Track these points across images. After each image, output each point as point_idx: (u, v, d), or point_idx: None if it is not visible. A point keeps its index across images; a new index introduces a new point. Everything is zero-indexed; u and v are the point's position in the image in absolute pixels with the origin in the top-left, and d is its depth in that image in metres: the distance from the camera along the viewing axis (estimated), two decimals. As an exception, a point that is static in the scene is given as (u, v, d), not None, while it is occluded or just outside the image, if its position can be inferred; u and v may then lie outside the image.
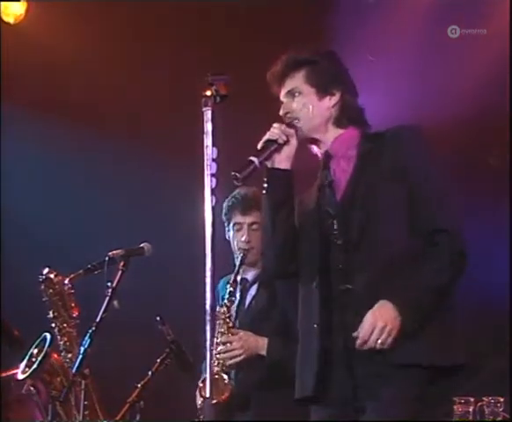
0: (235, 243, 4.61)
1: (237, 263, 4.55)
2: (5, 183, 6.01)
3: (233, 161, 3.24)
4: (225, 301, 4.51)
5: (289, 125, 3.43)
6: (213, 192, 2.93)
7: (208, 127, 2.95)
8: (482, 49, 5.90)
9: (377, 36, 5.90)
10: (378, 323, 3.10)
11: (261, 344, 4.49)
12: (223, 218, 4.62)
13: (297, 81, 3.47)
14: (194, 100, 3.00)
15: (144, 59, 6.05)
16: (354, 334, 3.14)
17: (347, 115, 3.47)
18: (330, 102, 3.46)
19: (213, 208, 2.92)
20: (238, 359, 4.45)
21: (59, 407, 4.47)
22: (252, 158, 3.31)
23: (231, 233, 4.63)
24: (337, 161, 3.44)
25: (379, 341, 3.10)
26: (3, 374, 4.57)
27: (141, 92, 6.02)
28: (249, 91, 4.96)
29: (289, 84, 3.47)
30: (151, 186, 6.08)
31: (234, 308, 4.61)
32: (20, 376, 4.54)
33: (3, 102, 5.96)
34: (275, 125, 3.42)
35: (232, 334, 4.47)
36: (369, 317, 3.13)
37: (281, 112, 3.47)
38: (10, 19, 6.22)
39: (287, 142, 3.40)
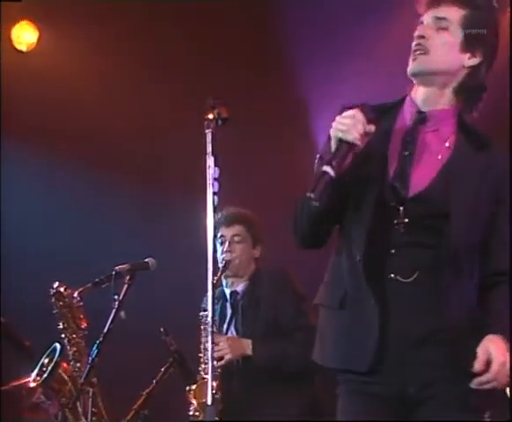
0: (219, 255, 4.58)
1: (220, 270, 4.51)
2: (7, 202, 6.04)
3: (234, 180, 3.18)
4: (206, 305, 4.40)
5: (370, 118, 2.65)
6: (215, 209, 2.91)
7: (210, 148, 2.92)
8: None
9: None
10: (507, 363, 2.64)
11: (246, 345, 4.46)
12: None
13: (452, 15, 2.78)
14: (197, 123, 2.99)
15: (149, 86, 6.05)
16: (475, 369, 2.63)
17: (470, 90, 2.82)
18: (467, 61, 2.79)
19: (216, 225, 2.90)
20: (227, 358, 4.41)
21: (68, 414, 4.44)
22: (326, 169, 2.63)
23: (218, 246, 4.58)
24: (428, 135, 2.77)
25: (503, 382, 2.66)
26: (16, 383, 4.57)
27: (146, 117, 6.05)
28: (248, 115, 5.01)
29: (443, 12, 2.78)
30: (156, 205, 6.09)
31: (226, 322, 4.61)
32: (32, 385, 4.51)
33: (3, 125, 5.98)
34: (354, 114, 2.66)
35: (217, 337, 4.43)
36: (499, 356, 2.63)
37: (416, 33, 2.78)
38: (22, 47, 6.15)
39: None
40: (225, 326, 4.61)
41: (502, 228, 2.77)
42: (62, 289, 4.58)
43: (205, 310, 4.47)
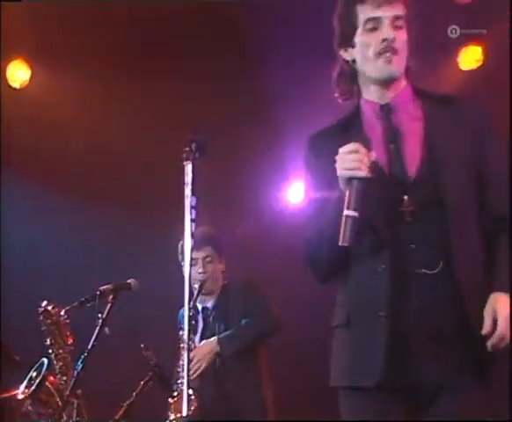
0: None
1: (196, 291, 4.59)
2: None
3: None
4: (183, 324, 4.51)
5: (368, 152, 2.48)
6: (192, 235, 2.96)
7: (188, 178, 2.97)
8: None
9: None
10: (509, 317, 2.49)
11: (213, 344, 4.55)
12: (179, 257, 4.63)
13: (403, 9, 2.62)
14: (178, 155, 3.04)
15: (134, 119, 6.12)
16: (483, 332, 2.48)
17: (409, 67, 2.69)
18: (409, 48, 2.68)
19: (192, 249, 2.96)
20: (202, 368, 4.51)
21: None
22: (349, 213, 2.43)
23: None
24: (399, 117, 2.64)
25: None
26: (6, 395, 4.55)
27: (133, 149, 6.09)
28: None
29: (400, 9, 2.62)
30: (139, 231, 6.17)
31: (198, 335, 4.68)
32: (21, 397, 4.51)
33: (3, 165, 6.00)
34: (357, 148, 2.47)
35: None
36: (502, 311, 2.49)
37: (382, 36, 2.59)
38: (16, 85, 6.15)
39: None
40: (197, 338, 4.70)
41: (496, 170, 2.64)
42: (49, 308, 4.57)
43: (182, 329, 4.53)
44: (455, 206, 2.55)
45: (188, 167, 2.98)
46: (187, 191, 2.95)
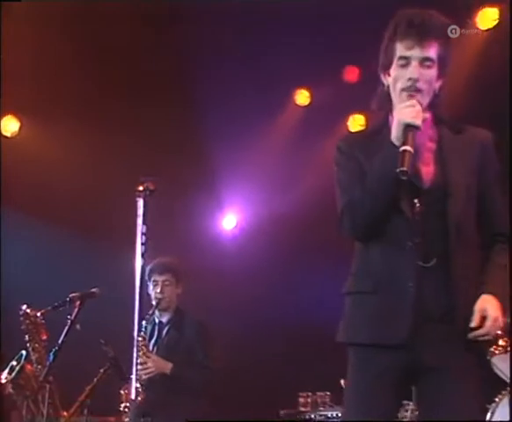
0: (153, 294, 5.24)
1: (154, 306, 5.17)
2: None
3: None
4: (142, 333, 4.98)
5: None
6: (142, 255, 3.31)
7: (140, 211, 3.31)
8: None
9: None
10: (499, 317, 2.67)
11: (167, 366, 5.08)
12: (147, 278, 5.05)
13: (435, 53, 2.69)
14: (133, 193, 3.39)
15: (100, 164, 6.50)
16: (472, 325, 2.64)
17: (436, 102, 2.78)
18: (438, 85, 2.76)
19: (142, 267, 3.32)
20: (151, 375, 5.01)
21: (31, 403, 4.77)
22: (406, 148, 2.59)
23: (151, 287, 5.24)
24: (418, 139, 2.68)
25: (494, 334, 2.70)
26: None
27: (101, 187, 6.42)
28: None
29: (429, 51, 2.68)
30: (103, 251, 6.50)
31: (152, 342, 5.18)
32: (3, 381, 4.87)
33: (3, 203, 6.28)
34: (415, 104, 2.64)
35: (147, 357, 5.02)
36: (492, 312, 2.64)
37: (409, 75, 2.68)
38: (7, 134, 6.57)
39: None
40: (151, 344, 5.28)
41: (497, 198, 2.79)
42: (28, 310, 4.91)
43: (142, 334, 5.02)
44: (455, 214, 2.68)
45: (140, 202, 3.32)
46: (139, 221, 3.31)
